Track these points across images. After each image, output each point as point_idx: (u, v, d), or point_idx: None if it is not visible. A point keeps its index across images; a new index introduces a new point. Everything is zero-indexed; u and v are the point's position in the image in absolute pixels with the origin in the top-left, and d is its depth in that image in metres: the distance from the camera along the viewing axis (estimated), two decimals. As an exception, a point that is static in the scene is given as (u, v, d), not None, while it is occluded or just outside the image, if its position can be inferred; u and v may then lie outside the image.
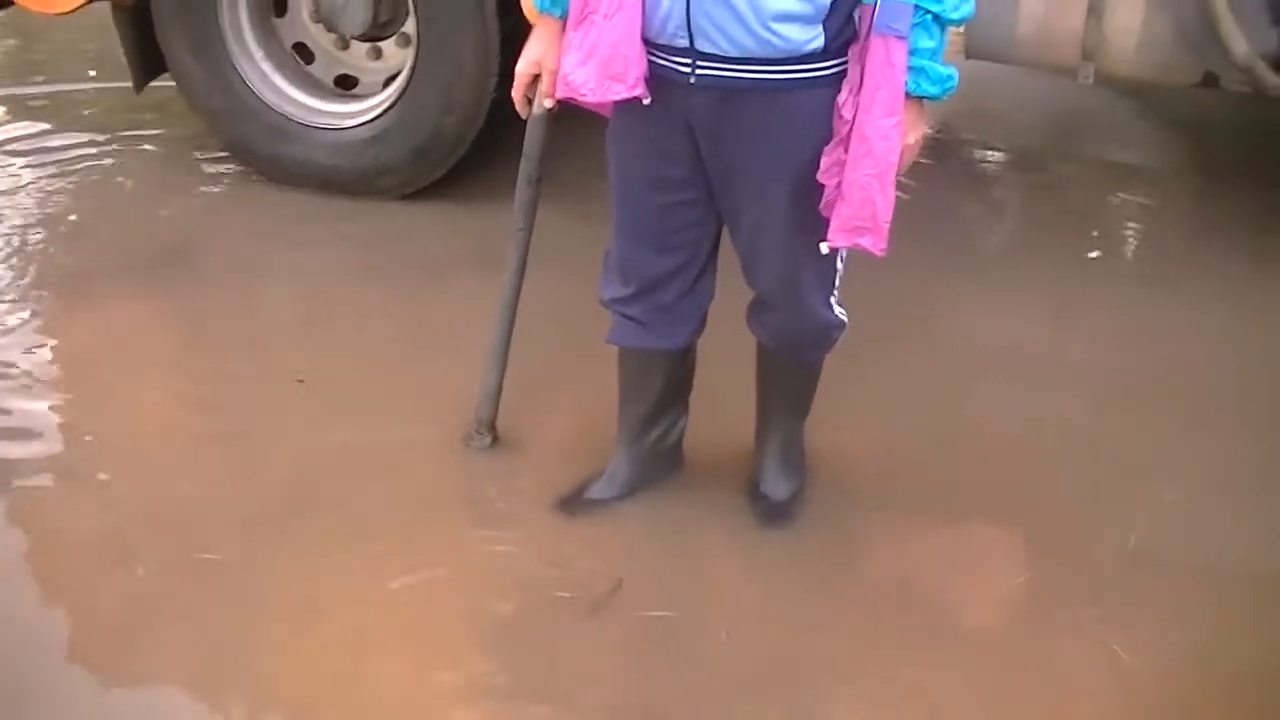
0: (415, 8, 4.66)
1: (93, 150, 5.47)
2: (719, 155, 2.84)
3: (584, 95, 2.77)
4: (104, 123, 5.72)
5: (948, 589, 3.17)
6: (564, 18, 2.83)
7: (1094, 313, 4.43)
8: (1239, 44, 4.22)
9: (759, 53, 2.66)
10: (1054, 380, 4.00)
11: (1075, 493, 3.51)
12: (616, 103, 2.80)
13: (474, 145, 4.78)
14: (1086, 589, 3.17)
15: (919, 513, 3.41)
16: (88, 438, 3.63)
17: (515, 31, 4.36)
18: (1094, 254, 4.89)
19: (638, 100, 2.74)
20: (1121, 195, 5.41)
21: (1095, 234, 5.05)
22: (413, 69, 4.72)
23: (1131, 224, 5.23)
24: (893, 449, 3.67)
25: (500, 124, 4.59)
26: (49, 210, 4.95)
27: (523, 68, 2.98)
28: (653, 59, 2.74)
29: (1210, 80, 4.49)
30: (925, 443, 3.69)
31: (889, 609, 3.09)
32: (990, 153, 5.80)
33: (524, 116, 3.12)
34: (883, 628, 3.03)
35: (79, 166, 5.32)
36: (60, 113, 5.90)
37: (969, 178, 5.54)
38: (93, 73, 6.32)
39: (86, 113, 5.88)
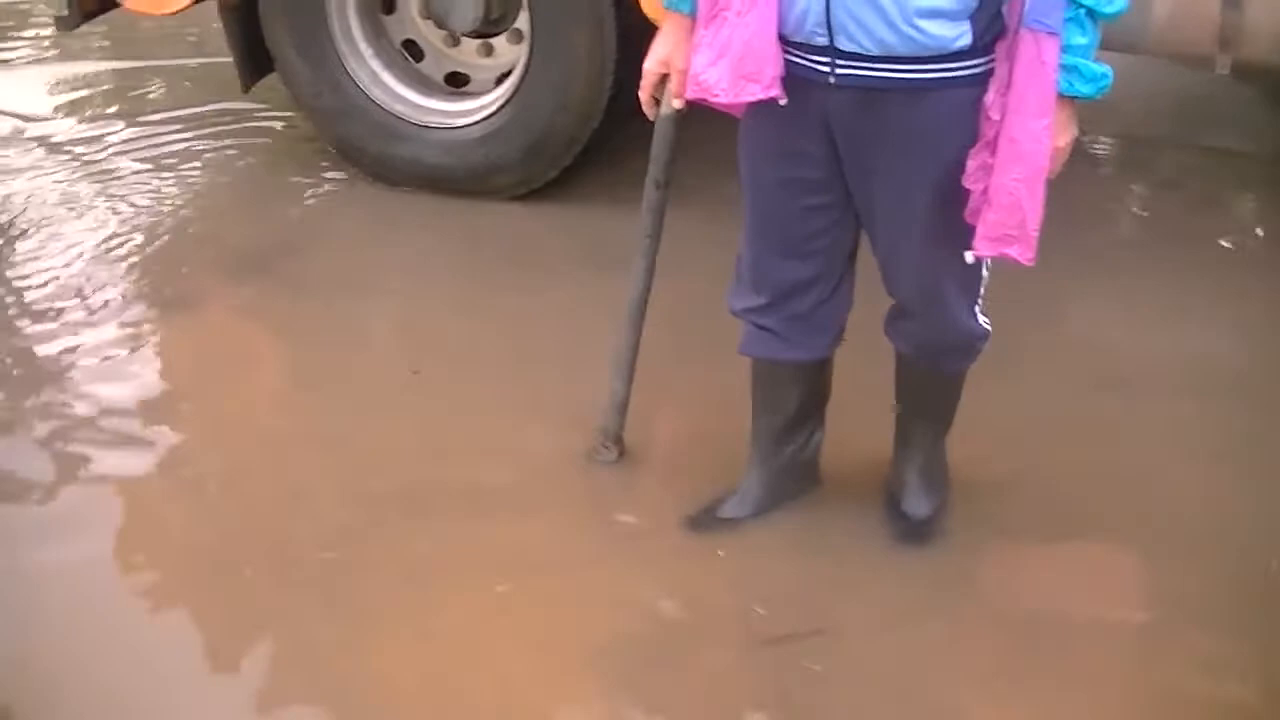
0: (528, 3, 4.54)
1: (200, 143, 5.41)
2: (858, 158, 2.70)
3: (716, 96, 2.63)
4: (212, 111, 5.66)
5: (1078, 618, 3.00)
6: (693, 14, 2.69)
7: (1223, 311, 4.25)
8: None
9: (903, 50, 2.52)
10: (1187, 385, 3.83)
11: (1215, 511, 3.33)
12: (749, 103, 2.65)
13: (589, 144, 4.65)
14: (1219, 618, 2.99)
15: (1054, 532, 3.25)
16: (198, 440, 3.58)
17: (632, 26, 4.25)
18: (1221, 246, 4.70)
19: (773, 101, 2.60)
20: (1242, 186, 5.23)
21: (1219, 226, 4.85)
22: (526, 66, 4.59)
23: (1255, 215, 5.03)
24: (1024, 460, 3.50)
25: (617, 122, 4.48)
26: (155, 206, 4.90)
27: (650, 67, 2.84)
28: (789, 57, 2.60)
29: (1354, 72, 4.31)
30: (1056, 453, 3.52)
31: (1021, 640, 2.94)
32: (1104, 144, 5.60)
33: (651, 118, 2.98)
34: (1011, 661, 2.89)
35: (184, 160, 5.27)
36: (168, 99, 5.87)
37: (1084, 171, 5.34)
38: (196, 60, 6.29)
39: (195, 102, 5.81)
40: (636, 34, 4.08)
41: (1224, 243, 4.74)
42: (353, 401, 3.72)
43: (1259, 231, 4.87)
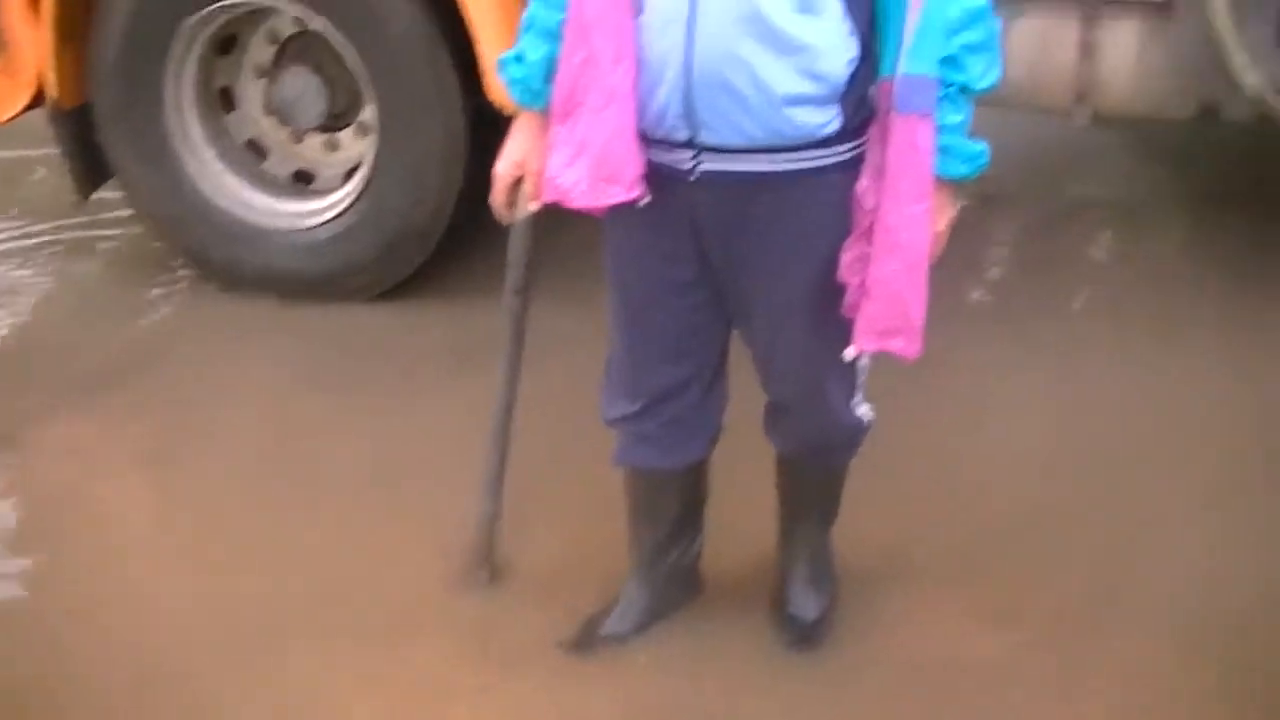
0: (374, 94, 4.38)
1: (43, 239, 5.19)
2: (728, 255, 2.56)
3: (575, 200, 2.47)
4: (49, 218, 5.37)
5: (988, 691, 2.93)
6: (546, 111, 2.54)
7: (1092, 365, 4.23)
8: (1250, 75, 3.99)
9: (769, 141, 2.39)
10: (1060, 441, 3.81)
11: (1093, 568, 3.32)
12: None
13: (446, 236, 4.49)
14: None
15: (947, 615, 3.17)
16: (42, 582, 3.35)
17: (483, 114, 4.12)
18: (1083, 301, 4.67)
19: (635, 201, 2.45)
20: (1106, 235, 5.18)
21: (1084, 279, 4.82)
22: (375, 160, 4.44)
23: (1119, 265, 4.98)
24: (909, 538, 3.41)
25: (474, 212, 4.32)
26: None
27: (503, 169, 2.69)
28: (650, 154, 2.45)
29: (1208, 112, 4.31)
30: (945, 527, 3.45)
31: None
32: (964, 198, 5.52)
33: (505, 223, 2.81)
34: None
35: (25, 262, 5.05)
36: (10, 194, 5.63)
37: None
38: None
39: (40, 196, 5.57)
40: (488, 120, 3.95)
41: (1085, 293, 4.70)
42: (212, 531, 3.51)
43: (1123, 282, 4.82)
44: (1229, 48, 3.98)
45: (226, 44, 4.67)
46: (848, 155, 2.44)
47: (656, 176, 2.46)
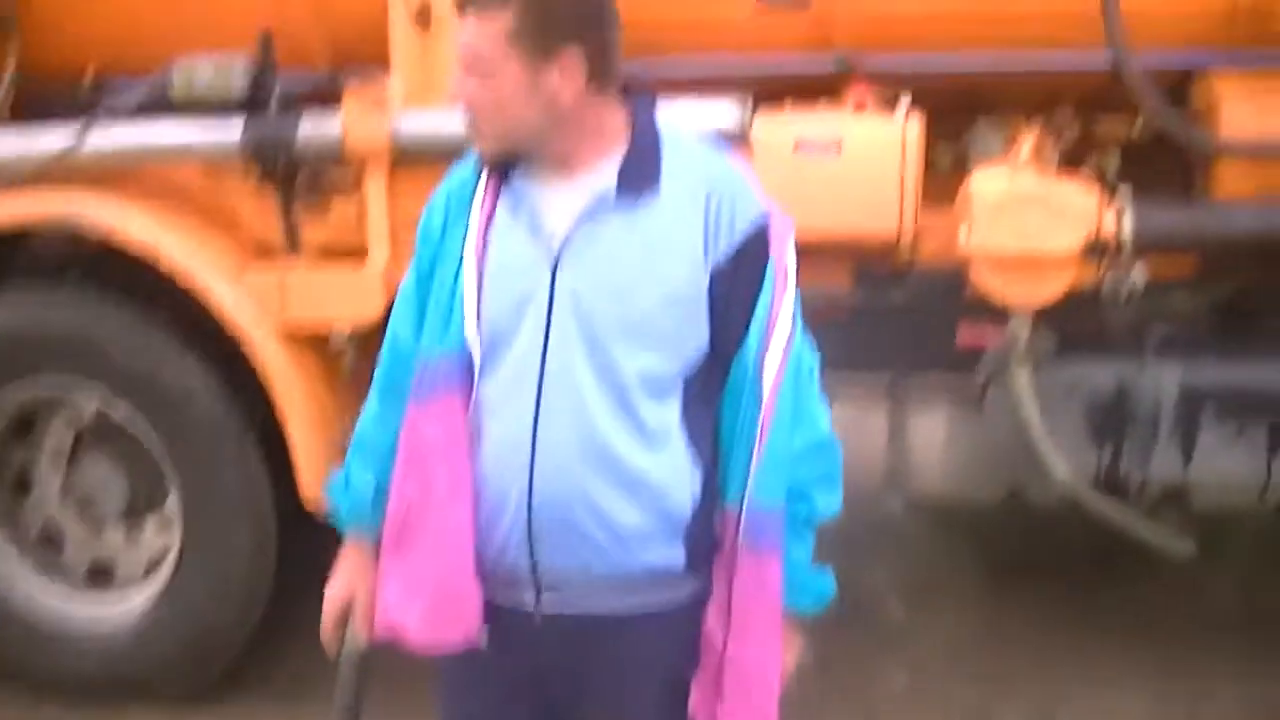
0: (177, 484, 4.23)
1: None
2: (570, 697, 2.45)
3: (410, 639, 2.36)
4: None
5: None
6: (377, 535, 2.43)
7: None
8: (1059, 468, 4.07)
9: (613, 577, 2.31)
10: None
11: None
12: (446, 641, 2.39)
13: (259, 634, 4.30)
14: None
15: None
16: None
17: (297, 507, 4.00)
18: (885, 687, 4.61)
19: (474, 646, 2.35)
20: (905, 612, 5.15)
21: (885, 662, 4.74)
22: (178, 553, 4.26)
23: (920, 644, 4.93)
24: None
25: (286, 608, 4.16)
26: None
27: (333, 597, 2.55)
28: (490, 592, 2.34)
29: (1015, 495, 4.37)
30: None
31: None
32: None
33: (332, 657, 2.65)
34: None
35: None
36: None
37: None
38: None
39: None
40: (301, 515, 3.86)
41: (887, 678, 4.65)
42: None
43: (921, 661, 4.77)
44: (1036, 440, 4.06)
45: (24, 425, 4.50)
46: (693, 591, 2.38)
47: (497, 616, 2.36)
